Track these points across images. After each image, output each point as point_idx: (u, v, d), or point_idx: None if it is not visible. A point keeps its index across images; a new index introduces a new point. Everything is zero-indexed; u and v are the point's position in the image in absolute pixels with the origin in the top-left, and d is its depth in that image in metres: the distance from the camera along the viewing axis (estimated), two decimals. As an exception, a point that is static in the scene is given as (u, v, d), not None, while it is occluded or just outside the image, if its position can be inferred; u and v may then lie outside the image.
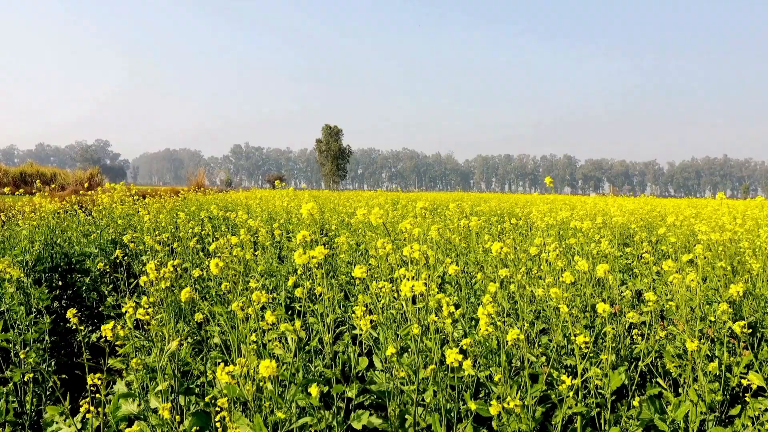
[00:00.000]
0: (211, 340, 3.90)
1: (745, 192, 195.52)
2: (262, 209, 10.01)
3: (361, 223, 7.14)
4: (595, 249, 5.03)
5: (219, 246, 4.38)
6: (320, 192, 23.71)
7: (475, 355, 3.27)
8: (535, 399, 2.63)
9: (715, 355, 3.40)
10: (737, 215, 8.01)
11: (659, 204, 16.41)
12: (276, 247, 6.80)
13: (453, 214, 7.03)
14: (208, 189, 20.82)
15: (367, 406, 3.45)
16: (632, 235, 7.81)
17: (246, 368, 2.49)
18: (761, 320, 4.42)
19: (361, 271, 2.68)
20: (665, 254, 6.10)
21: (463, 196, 25.68)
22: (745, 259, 5.31)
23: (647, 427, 2.90)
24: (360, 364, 3.34)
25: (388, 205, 11.27)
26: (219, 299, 4.46)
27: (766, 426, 2.71)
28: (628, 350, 3.83)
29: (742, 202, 16.89)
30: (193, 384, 3.45)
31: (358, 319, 2.77)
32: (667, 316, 4.01)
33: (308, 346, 3.32)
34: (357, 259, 5.77)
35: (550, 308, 3.74)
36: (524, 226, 8.16)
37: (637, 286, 4.94)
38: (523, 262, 4.18)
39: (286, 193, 11.15)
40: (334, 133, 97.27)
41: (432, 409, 2.60)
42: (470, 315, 3.99)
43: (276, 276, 5.26)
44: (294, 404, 2.62)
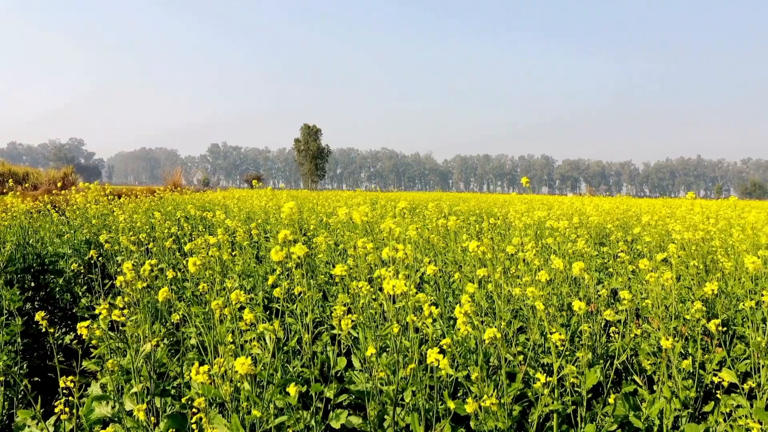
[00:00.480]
0: (188, 341, 3.86)
1: (718, 192, 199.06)
2: (239, 209, 9.94)
3: (340, 223, 7.13)
4: (572, 248, 5.09)
5: (196, 246, 4.34)
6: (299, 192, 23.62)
7: (453, 355, 3.28)
8: (512, 397, 2.64)
9: (689, 353, 3.46)
10: (710, 215, 8.16)
11: (635, 204, 16.66)
12: (254, 247, 6.75)
13: (432, 213, 7.05)
14: (185, 188, 20.60)
15: (346, 406, 3.44)
16: (608, 235, 7.92)
17: (223, 368, 2.47)
18: (733, 318, 4.51)
19: (342, 270, 2.67)
20: (640, 253, 6.19)
21: (442, 196, 25.79)
22: (717, 258, 5.41)
23: (622, 423, 2.94)
24: (339, 364, 3.33)
25: (367, 205, 11.27)
26: (196, 300, 4.41)
27: (739, 422, 2.76)
28: (604, 348, 3.87)
29: (715, 202, 17.20)
30: (169, 386, 3.41)
31: (338, 319, 2.76)
32: (643, 315, 4.07)
33: (287, 346, 3.31)
34: (336, 259, 5.76)
35: (528, 307, 3.78)
36: (502, 225, 8.21)
37: (613, 285, 5.00)
38: (501, 262, 4.21)
39: (264, 193, 11.09)
40: (312, 132, 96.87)
41: (411, 408, 2.60)
42: (448, 314, 4.01)
43: (254, 276, 5.22)
44: (272, 404, 2.60)
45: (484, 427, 2.24)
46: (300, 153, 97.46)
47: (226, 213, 9.79)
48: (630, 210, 12.49)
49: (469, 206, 15.86)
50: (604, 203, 14.57)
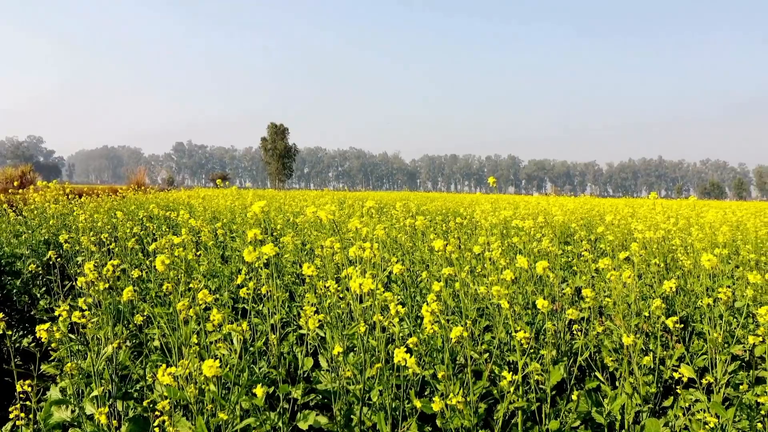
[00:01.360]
0: (151, 343, 3.79)
1: (678, 192, 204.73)
2: (204, 208, 9.80)
3: (308, 223, 7.09)
4: (537, 247, 5.16)
5: (159, 246, 4.27)
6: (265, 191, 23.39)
7: (420, 354, 3.30)
8: (478, 395, 2.67)
9: (650, 349, 3.54)
10: (671, 214, 8.37)
11: (598, 203, 16.99)
12: (219, 247, 6.66)
13: (399, 213, 7.07)
14: (149, 188, 20.21)
15: (314, 406, 3.43)
16: (573, 234, 8.05)
17: (188, 370, 2.43)
18: (692, 315, 4.63)
19: (311, 269, 2.66)
20: (604, 252, 6.31)
21: (410, 196, 25.88)
22: (677, 256, 5.55)
23: (585, 419, 3.00)
24: (306, 365, 3.31)
25: (335, 204, 11.24)
26: (159, 301, 4.34)
27: (697, 416, 2.84)
28: (568, 345, 3.94)
29: (676, 201, 17.67)
30: (132, 388, 3.34)
31: (305, 319, 2.74)
32: (606, 312, 4.15)
33: (253, 347, 3.27)
34: (303, 258, 5.73)
35: (494, 306, 3.81)
36: (469, 225, 8.28)
37: (577, 283, 5.09)
38: (467, 261, 4.24)
39: (229, 192, 10.96)
40: (279, 131, 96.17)
41: (378, 407, 2.60)
42: (416, 314, 4.02)
43: (219, 276, 5.16)
44: (238, 406, 2.57)
45: (450, 425, 2.25)
46: (267, 152, 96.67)
47: (191, 213, 9.65)
48: (594, 209, 12.73)
49: (436, 206, 15.95)
50: (568, 203, 14.81)
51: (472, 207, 12.15)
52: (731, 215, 9.45)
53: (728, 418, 2.78)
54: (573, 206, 12.66)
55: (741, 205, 18.58)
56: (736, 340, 3.60)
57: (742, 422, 3.05)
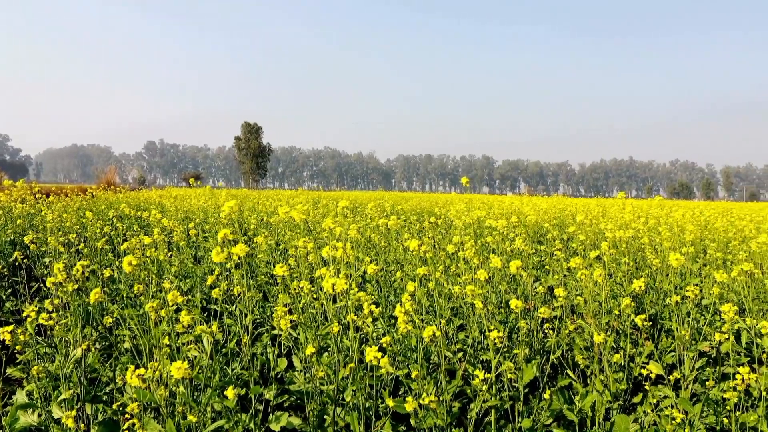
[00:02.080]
0: (122, 345, 3.73)
1: (648, 192, 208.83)
2: (177, 208, 9.67)
3: (281, 222, 7.05)
4: (510, 247, 5.20)
5: (130, 246, 4.20)
6: (239, 191, 23.17)
7: (394, 353, 3.30)
8: (452, 394, 2.68)
9: (620, 347, 3.59)
10: (641, 214, 8.52)
11: (571, 203, 17.21)
12: (192, 247, 6.59)
13: (373, 213, 7.07)
14: (120, 187, 19.87)
15: (287, 407, 3.41)
16: (546, 233, 8.14)
17: (158, 372, 2.39)
18: (661, 312, 4.72)
19: (283, 270, 2.64)
20: (576, 251, 6.39)
21: (384, 196, 25.89)
22: (646, 255, 5.65)
23: (557, 417, 3.03)
24: (279, 365, 3.29)
25: (310, 204, 11.19)
26: (130, 302, 4.27)
27: (665, 412, 2.89)
28: (541, 344, 3.98)
29: (646, 201, 17.98)
30: (101, 391, 3.29)
31: (278, 319, 2.72)
32: (578, 311, 4.20)
33: (225, 348, 3.24)
34: (276, 258, 5.69)
35: (467, 305, 3.84)
36: (443, 225, 8.31)
37: (550, 282, 5.14)
38: (441, 261, 4.26)
39: (202, 192, 10.84)
40: (253, 130, 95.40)
41: (351, 408, 2.60)
42: (390, 313, 4.03)
43: (192, 277, 5.10)
44: (210, 408, 2.54)
45: (423, 425, 2.26)
46: (240, 151, 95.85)
47: (163, 212, 9.52)
48: (566, 209, 12.89)
49: (411, 205, 15.99)
50: (542, 203, 14.98)
51: (447, 207, 12.20)
52: (699, 215, 9.65)
53: (695, 414, 2.84)
54: (546, 206, 12.80)
55: (709, 205, 18.99)
56: (703, 337, 3.67)
57: (709, 417, 3.12)
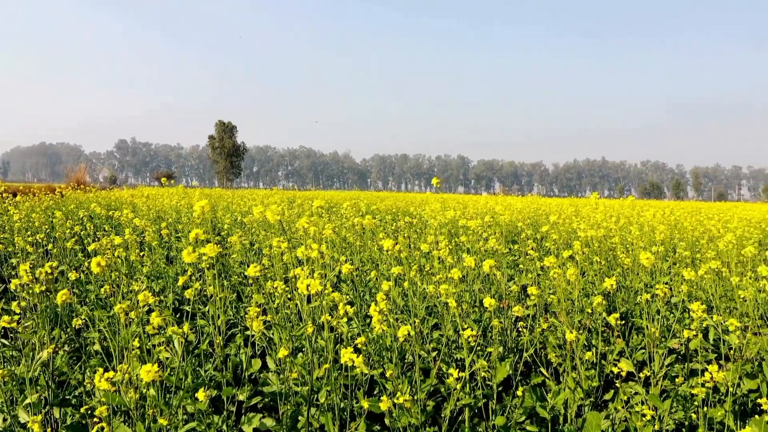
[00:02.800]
0: (91, 347, 3.66)
1: (620, 192, 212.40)
2: (149, 208, 9.54)
3: (256, 222, 6.99)
4: (484, 246, 5.23)
5: (101, 246, 4.12)
6: (213, 190, 22.97)
7: (369, 353, 3.30)
8: (426, 393, 2.68)
9: (592, 344, 3.64)
10: (613, 214, 8.65)
11: (544, 203, 17.40)
12: (164, 247, 6.50)
13: (348, 212, 7.06)
14: (90, 186, 19.51)
15: (261, 408, 3.38)
16: (520, 233, 8.21)
17: (128, 375, 2.35)
18: (632, 310, 4.80)
19: (255, 270, 2.61)
20: (549, 250, 6.46)
21: (360, 195, 25.88)
22: (618, 254, 5.74)
23: (530, 414, 3.06)
24: (253, 366, 3.26)
25: (284, 203, 11.13)
26: (100, 303, 4.19)
27: (636, 408, 2.94)
28: (514, 342, 4.01)
29: (617, 201, 18.26)
30: (70, 395, 3.22)
31: (251, 320, 2.70)
32: (551, 309, 4.24)
33: (198, 349, 3.20)
34: (251, 258, 5.64)
35: (442, 304, 3.85)
36: (418, 224, 8.33)
37: (523, 281, 5.19)
38: (416, 260, 4.26)
39: (175, 191, 10.71)
40: (228, 129, 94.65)
41: (326, 408, 2.59)
42: (365, 313, 4.02)
43: (164, 278, 5.03)
44: (181, 410, 2.51)
45: (398, 424, 2.26)
46: (214, 150, 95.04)
47: (135, 212, 9.38)
48: (540, 209, 13.03)
49: (386, 205, 16.00)
50: (516, 202, 15.11)
51: (422, 206, 12.24)
52: (669, 214, 9.83)
53: (665, 410, 2.89)
54: (520, 206, 12.92)
55: (679, 205, 19.38)
56: (672, 335, 3.74)
57: (678, 413, 3.17)
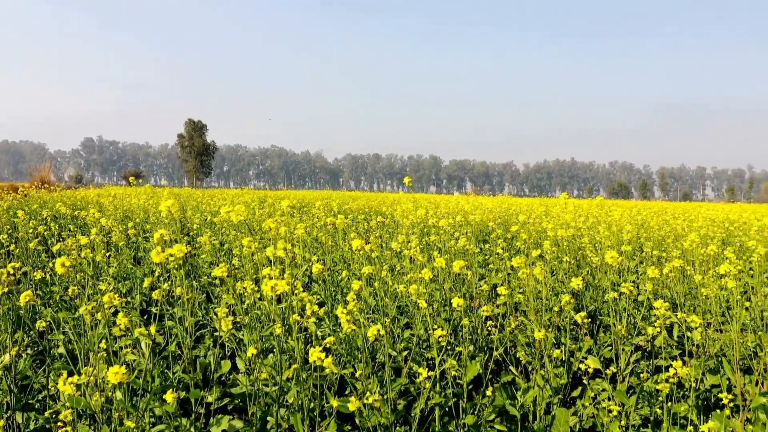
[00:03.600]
0: (55, 350, 3.58)
1: (589, 192, 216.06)
2: (116, 207, 9.37)
3: (226, 222, 6.92)
4: (455, 246, 5.27)
5: (66, 247, 4.04)
6: (182, 189, 22.65)
7: (339, 353, 3.29)
8: (397, 392, 2.69)
9: (562, 342, 3.69)
10: (582, 213, 8.78)
11: (515, 203, 17.60)
12: (131, 247, 6.39)
13: (320, 212, 7.03)
14: (55, 185, 19.08)
15: (231, 410, 3.35)
16: (491, 233, 8.28)
17: (94, 378, 2.31)
18: (600, 309, 4.88)
19: (221, 271, 2.59)
20: (519, 250, 6.53)
21: (332, 195, 25.83)
22: (586, 253, 5.83)
23: (500, 412, 3.09)
24: (223, 368, 3.23)
25: (255, 203, 11.04)
26: (65, 305, 4.10)
27: (603, 405, 2.99)
28: (485, 341, 4.05)
29: (586, 201, 18.54)
30: (33, 399, 3.15)
31: (219, 321, 2.67)
32: (521, 308, 4.29)
33: (166, 351, 3.15)
34: (220, 258, 5.59)
35: (413, 303, 3.86)
36: (391, 224, 8.35)
37: (494, 281, 5.24)
38: (387, 259, 4.27)
39: (143, 191, 10.53)
40: (198, 128, 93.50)
41: (295, 409, 2.57)
42: (336, 313, 4.01)
43: (131, 278, 4.94)
44: (149, 413, 2.47)
45: (368, 423, 2.26)
46: (184, 149, 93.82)
47: (101, 211, 9.20)
48: (511, 209, 13.16)
49: (358, 205, 15.99)
50: (487, 202, 15.25)
51: (394, 206, 12.26)
52: (637, 214, 10.03)
53: (631, 405, 2.95)
54: (491, 205, 13.04)
55: (646, 205, 19.77)
56: (638, 332, 3.81)
57: (643, 409, 3.24)
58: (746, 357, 3.54)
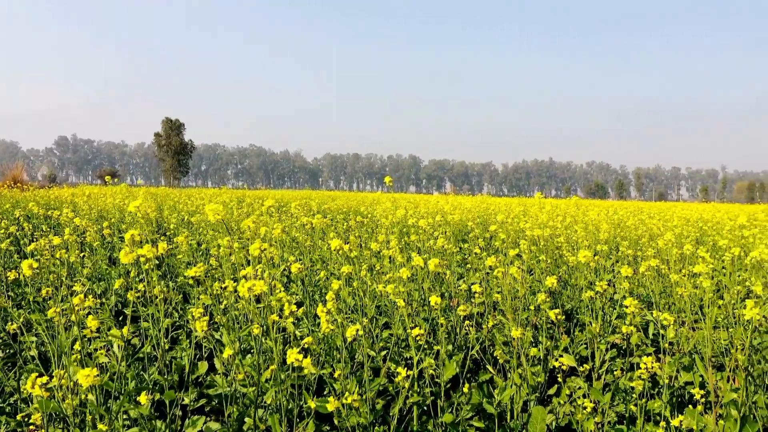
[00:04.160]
0: (27, 353, 3.51)
1: (567, 192, 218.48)
2: (90, 207, 9.23)
3: (204, 222, 6.86)
4: (434, 245, 5.28)
5: (38, 247, 3.96)
6: (159, 189, 22.39)
7: (318, 353, 3.28)
8: (375, 392, 2.69)
9: (539, 341, 3.72)
10: (559, 213, 8.87)
11: (494, 203, 17.70)
12: (106, 248, 6.30)
13: (299, 212, 7.00)
14: (28, 185, 18.75)
15: (208, 411, 3.32)
16: (469, 232, 8.32)
17: (66, 380, 2.27)
18: (577, 307, 4.93)
19: (196, 271, 2.56)
20: (498, 249, 6.57)
21: (311, 195, 25.74)
22: (563, 252, 5.89)
23: (478, 410, 3.10)
24: (199, 369, 3.20)
25: (233, 203, 10.95)
26: (37, 307, 4.03)
27: (578, 402, 3.02)
28: (463, 340, 4.07)
29: (564, 201, 18.73)
30: (4, 403, 3.09)
31: (194, 321, 2.64)
32: (499, 307, 4.32)
33: (141, 352, 3.11)
34: (198, 259, 5.53)
35: (392, 303, 3.86)
36: (370, 224, 8.34)
37: (472, 280, 5.26)
38: (367, 259, 4.26)
39: (119, 190, 10.39)
40: (175, 126, 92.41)
41: (273, 410, 2.56)
42: (315, 312, 4.00)
43: (106, 279, 4.87)
44: (123, 416, 2.44)
45: (346, 424, 2.25)
46: (161, 148, 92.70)
47: (75, 211, 9.05)
48: (489, 208, 13.24)
49: (338, 204, 15.96)
50: (466, 202, 15.32)
51: (374, 206, 12.26)
52: (613, 214, 10.16)
53: (606, 403, 2.98)
54: (470, 205, 13.10)
55: (622, 205, 20.04)
56: (612, 330, 3.86)
57: (618, 406, 3.28)
58: (719, 354, 3.60)
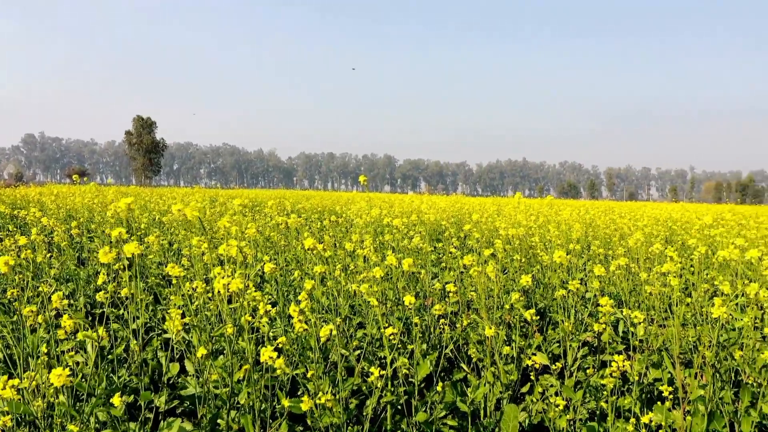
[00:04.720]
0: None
1: (540, 192, 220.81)
2: (58, 207, 9.04)
3: (176, 221, 6.77)
4: (409, 245, 5.30)
5: (4, 247, 3.88)
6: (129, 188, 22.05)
7: (292, 353, 3.26)
8: (349, 392, 2.69)
9: (512, 340, 3.76)
10: (533, 213, 8.97)
11: (468, 202, 17.81)
12: (75, 248, 6.18)
13: (273, 211, 6.96)
14: (-6, 183, 18.28)
15: (181, 413, 3.28)
16: (444, 231, 8.36)
17: (35, 382, 2.22)
18: (550, 306, 4.99)
19: (176, 270, 2.53)
20: (472, 248, 6.62)
21: (286, 194, 25.59)
22: (537, 251, 5.96)
23: (451, 409, 3.12)
24: (171, 370, 3.16)
25: (206, 202, 10.84)
26: (2, 308, 3.94)
27: (551, 399, 3.06)
28: (437, 339, 4.09)
29: (537, 200, 18.94)
30: (-31, 406, 3.01)
31: (169, 322, 2.61)
32: (473, 306, 4.35)
33: (112, 354, 3.07)
34: (170, 259, 5.46)
35: (366, 303, 3.86)
36: (344, 223, 8.32)
37: (446, 279, 5.29)
38: (341, 259, 4.26)
39: (88, 189, 10.20)
40: (146, 125, 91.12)
41: (246, 410, 2.54)
42: (288, 313, 3.98)
43: (75, 280, 4.78)
44: (94, 418, 2.39)
45: (320, 424, 2.25)
46: (132, 146, 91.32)
47: (43, 211, 8.86)
48: (464, 208, 13.31)
49: (312, 204, 15.90)
50: (441, 201, 15.39)
51: (348, 205, 12.24)
52: (585, 213, 10.30)
53: (578, 400, 3.03)
54: (444, 205, 13.16)
55: (594, 204, 20.33)
56: (584, 328, 3.92)
57: (590, 403, 3.33)
58: (687, 351, 3.68)
